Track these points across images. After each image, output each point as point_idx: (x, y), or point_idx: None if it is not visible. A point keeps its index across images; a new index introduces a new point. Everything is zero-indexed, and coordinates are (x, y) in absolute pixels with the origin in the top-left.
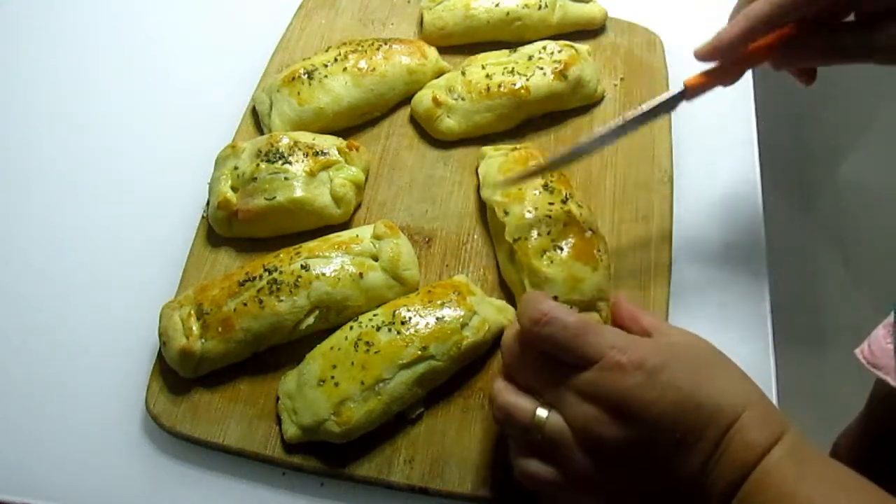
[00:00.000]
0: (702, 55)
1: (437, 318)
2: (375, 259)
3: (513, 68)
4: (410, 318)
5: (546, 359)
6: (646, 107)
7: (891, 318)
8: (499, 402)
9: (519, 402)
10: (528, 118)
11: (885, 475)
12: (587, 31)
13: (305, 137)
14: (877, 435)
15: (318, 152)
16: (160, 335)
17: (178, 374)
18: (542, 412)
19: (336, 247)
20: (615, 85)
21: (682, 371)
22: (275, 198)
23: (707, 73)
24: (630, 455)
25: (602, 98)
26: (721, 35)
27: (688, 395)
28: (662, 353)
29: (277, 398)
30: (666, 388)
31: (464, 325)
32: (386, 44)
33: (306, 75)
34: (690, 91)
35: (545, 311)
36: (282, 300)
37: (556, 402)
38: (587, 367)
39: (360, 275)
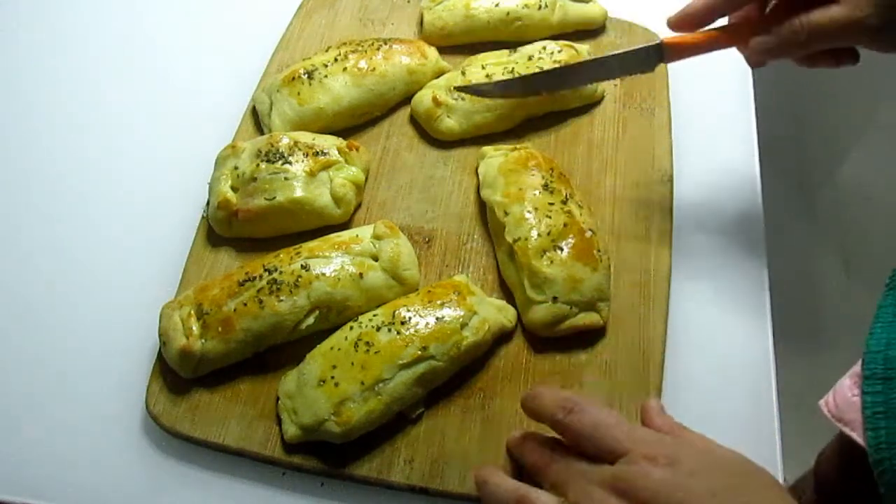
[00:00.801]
0: (672, 23)
1: (437, 319)
2: (375, 259)
3: (513, 68)
4: (410, 319)
5: (563, 454)
6: (619, 51)
7: (857, 368)
8: (523, 500)
9: (542, 498)
10: (528, 118)
11: (861, 494)
12: (587, 31)
13: (305, 137)
14: (848, 460)
15: (318, 152)
16: (160, 335)
17: (178, 375)
18: None
19: (336, 247)
20: (615, 85)
21: (718, 478)
22: (275, 198)
23: (683, 38)
24: None
25: (602, 98)
26: (691, 4)
27: (728, 493)
28: (698, 456)
29: (277, 398)
30: (699, 491)
31: (464, 326)
32: (386, 44)
33: (306, 75)
34: (668, 49)
35: (573, 400)
36: (282, 300)
37: (580, 499)
38: (612, 461)
39: (360, 275)
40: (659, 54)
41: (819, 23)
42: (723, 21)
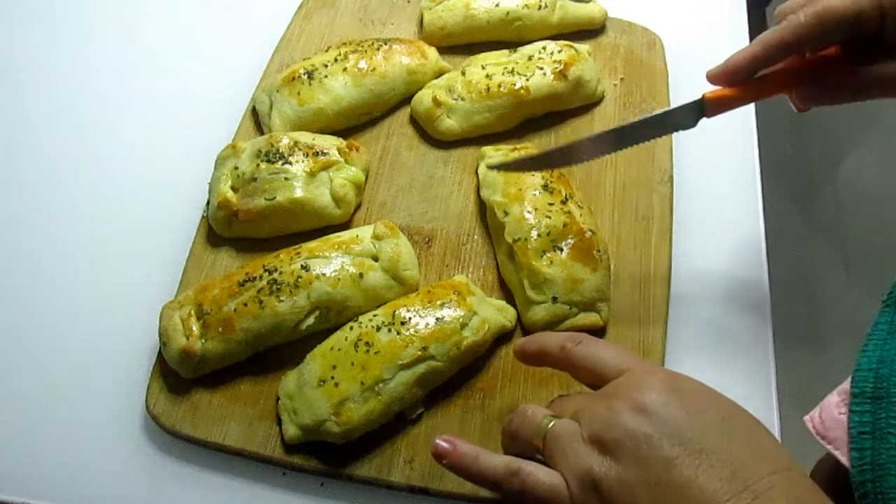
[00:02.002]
0: (712, 77)
1: (437, 319)
2: (375, 259)
3: (513, 68)
4: (410, 319)
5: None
6: (660, 110)
7: (845, 385)
8: (516, 473)
9: (533, 469)
10: (528, 118)
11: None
12: (587, 31)
13: (305, 137)
14: (838, 479)
15: (318, 152)
16: (160, 335)
17: (178, 375)
18: (551, 419)
19: (336, 247)
20: (615, 85)
21: (711, 398)
22: (275, 198)
23: (725, 91)
24: (644, 450)
25: (602, 98)
26: (733, 59)
27: (713, 412)
28: (697, 382)
29: (277, 398)
30: (690, 400)
31: (464, 326)
32: (386, 44)
33: (306, 75)
34: (709, 104)
35: (581, 334)
36: (282, 300)
37: (573, 415)
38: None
39: (360, 275)
40: (700, 110)
41: (882, 76)
42: None
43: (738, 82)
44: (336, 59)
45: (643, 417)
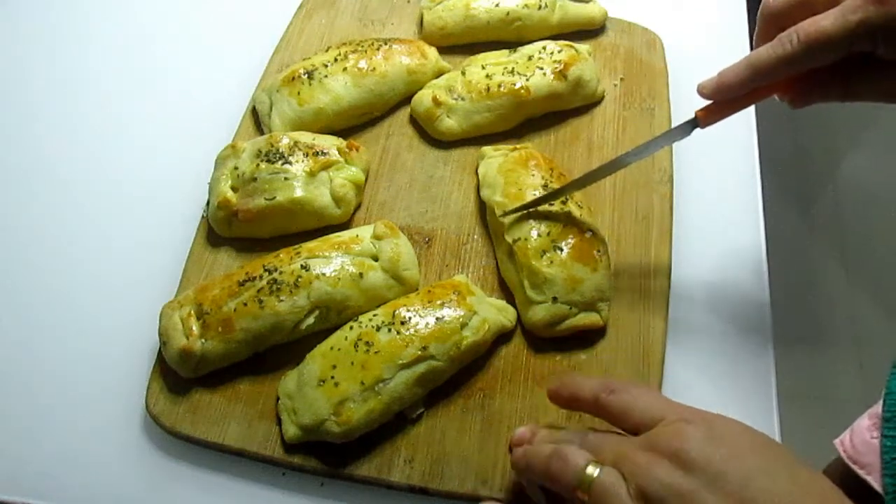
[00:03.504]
0: (704, 93)
1: (437, 318)
2: (375, 259)
3: (513, 68)
4: (410, 319)
5: (589, 433)
6: (658, 136)
7: (877, 408)
8: (554, 449)
9: (573, 451)
10: (528, 118)
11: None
12: (587, 31)
13: (305, 137)
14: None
15: (318, 152)
16: (160, 335)
17: (178, 375)
18: (594, 467)
19: (336, 247)
20: (615, 85)
21: (748, 440)
22: (275, 198)
23: (716, 105)
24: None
25: (602, 98)
26: (724, 77)
27: (752, 456)
28: (732, 423)
29: (277, 398)
30: (729, 446)
31: (464, 325)
32: (386, 44)
33: (306, 75)
34: (703, 120)
35: (615, 382)
36: (282, 300)
37: (616, 459)
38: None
39: (360, 275)
40: (694, 125)
41: (873, 87)
42: None
43: (729, 97)
44: (336, 59)
45: (684, 470)
